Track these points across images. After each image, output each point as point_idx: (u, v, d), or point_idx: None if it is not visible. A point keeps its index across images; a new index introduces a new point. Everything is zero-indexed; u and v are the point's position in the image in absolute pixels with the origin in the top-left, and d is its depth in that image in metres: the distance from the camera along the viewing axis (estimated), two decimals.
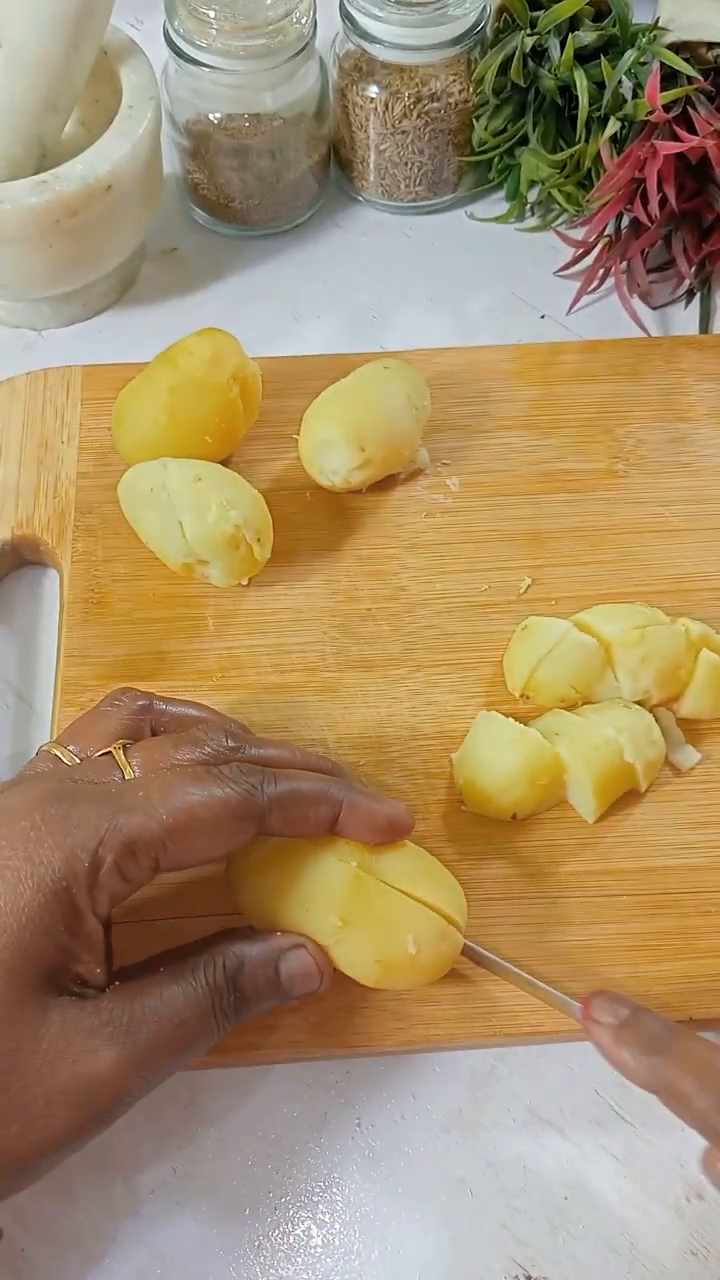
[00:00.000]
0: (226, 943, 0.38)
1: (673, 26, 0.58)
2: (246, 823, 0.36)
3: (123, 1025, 0.34)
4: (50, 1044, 0.33)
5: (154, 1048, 0.35)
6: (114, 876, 0.34)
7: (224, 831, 0.36)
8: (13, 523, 0.53)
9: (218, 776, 0.36)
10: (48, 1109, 0.33)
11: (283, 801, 0.37)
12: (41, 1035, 0.33)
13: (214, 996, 0.36)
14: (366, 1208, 0.41)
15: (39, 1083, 0.33)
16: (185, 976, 0.36)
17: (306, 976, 0.38)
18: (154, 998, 0.35)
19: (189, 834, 0.35)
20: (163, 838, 0.35)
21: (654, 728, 0.46)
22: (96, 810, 0.34)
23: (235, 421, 0.52)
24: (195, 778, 0.36)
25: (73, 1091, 0.33)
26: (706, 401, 0.57)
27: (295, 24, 0.57)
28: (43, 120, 0.56)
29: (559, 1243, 0.40)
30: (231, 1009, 0.37)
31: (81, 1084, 0.33)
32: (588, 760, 0.44)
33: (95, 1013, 0.34)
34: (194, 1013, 0.36)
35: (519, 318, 0.63)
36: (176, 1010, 0.35)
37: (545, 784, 0.44)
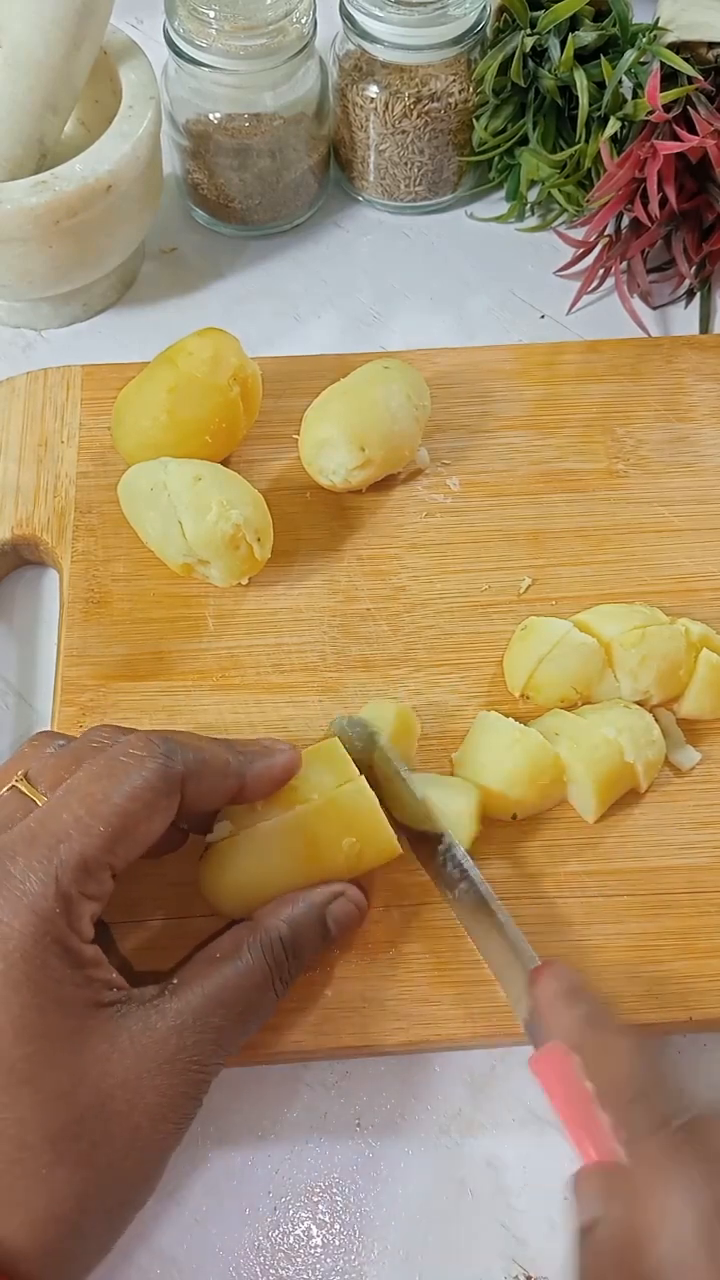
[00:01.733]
0: (271, 914, 0.39)
1: (673, 26, 0.58)
2: (173, 796, 0.37)
3: (190, 1023, 0.35)
4: (125, 1069, 0.34)
5: (225, 1034, 0.36)
6: (83, 903, 0.34)
7: (158, 811, 0.36)
8: (12, 522, 0.53)
9: (129, 761, 0.36)
10: (152, 1125, 0.34)
11: (194, 769, 0.37)
12: (114, 1065, 0.33)
13: (275, 970, 0.38)
14: (366, 1208, 0.41)
15: (133, 1109, 0.33)
16: (242, 957, 0.37)
17: (351, 916, 0.40)
18: (215, 986, 0.36)
19: (130, 831, 0.35)
20: (109, 846, 0.35)
21: (654, 728, 0.46)
22: (35, 854, 0.34)
23: (235, 421, 0.52)
24: (110, 775, 0.36)
25: (164, 1100, 0.34)
26: (707, 401, 0.57)
27: (295, 24, 0.57)
28: (43, 120, 0.56)
29: (559, 1243, 0.40)
30: (290, 972, 0.38)
31: (169, 1090, 0.34)
32: (588, 760, 0.44)
33: (161, 1017, 0.35)
34: (257, 991, 0.37)
35: (519, 318, 0.63)
36: (240, 992, 0.36)
37: (545, 784, 0.44)
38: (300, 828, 0.40)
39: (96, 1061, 0.33)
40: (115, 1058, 0.34)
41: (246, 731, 0.47)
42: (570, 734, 0.45)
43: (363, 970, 0.43)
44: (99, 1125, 0.33)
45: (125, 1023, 0.34)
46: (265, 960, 0.38)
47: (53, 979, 0.33)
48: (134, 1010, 0.35)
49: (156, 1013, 0.35)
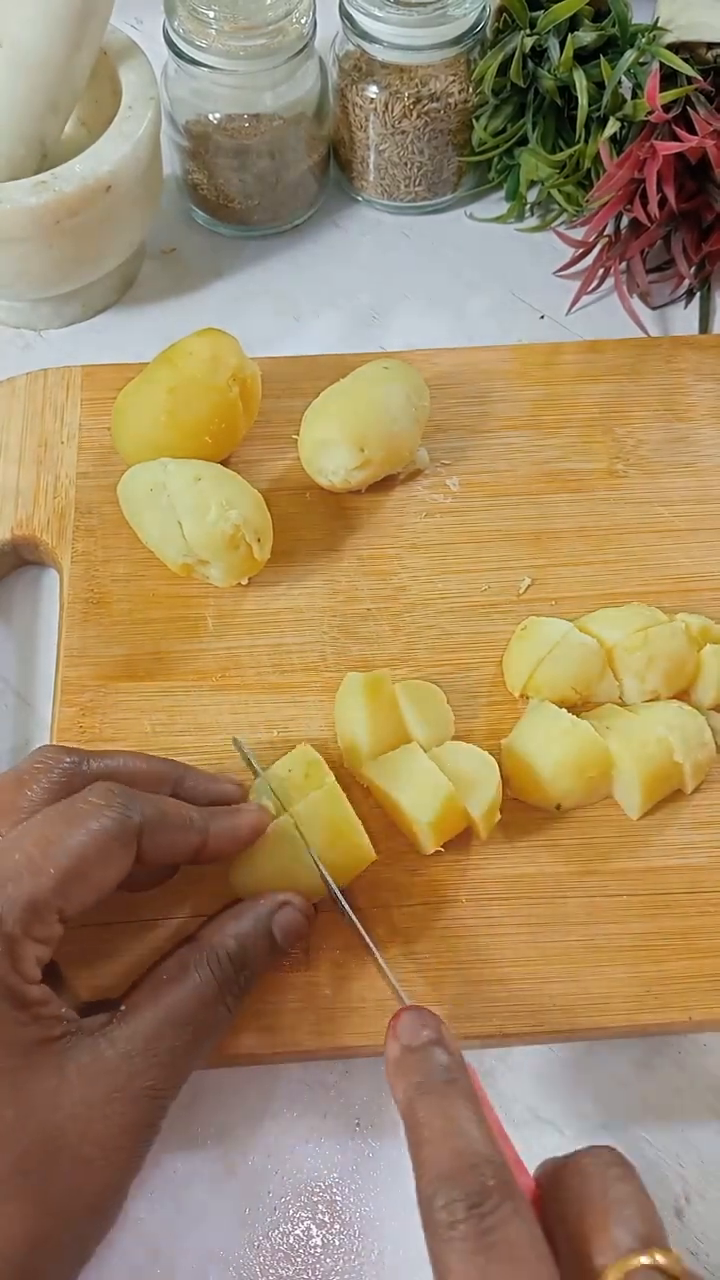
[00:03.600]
0: (216, 930, 0.38)
1: (672, 26, 0.58)
2: (128, 847, 0.36)
3: (140, 1050, 0.34)
4: (73, 1102, 0.33)
5: (177, 1059, 0.35)
6: (28, 946, 0.34)
7: (112, 861, 0.36)
8: (12, 523, 0.53)
9: (86, 808, 0.36)
10: (103, 1156, 0.33)
11: (153, 822, 0.37)
12: (62, 1098, 0.33)
13: (223, 986, 0.37)
14: (366, 1208, 0.41)
15: (81, 1141, 0.33)
16: (189, 976, 0.37)
17: (297, 925, 0.40)
18: (164, 1009, 0.36)
19: (81, 876, 0.35)
20: (59, 889, 0.34)
21: (705, 729, 0.46)
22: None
23: (235, 422, 0.52)
24: (66, 820, 0.36)
25: (116, 1132, 0.33)
26: (706, 401, 0.57)
27: (295, 24, 0.57)
28: (43, 120, 0.56)
29: None
30: (241, 988, 0.38)
31: (120, 1121, 0.34)
32: (637, 757, 0.44)
33: (109, 1046, 0.34)
34: (207, 1009, 0.36)
35: (519, 318, 0.63)
36: (190, 1012, 0.36)
37: (593, 776, 0.45)
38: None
39: (44, 1096, 0.33)
40: (64, 1091, 0.33)
41: (246, 731, 0.47)
42: (621, 729, 0.45)
43: (363, 970, 0.43)
44: (48, 1161, 0.32)
45: (73, 1054, 0.34)
46: (213, 977, 0.37)
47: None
48: (83, 1041, 0.34)
49: (105, 1041, 0.34)
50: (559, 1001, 0.42)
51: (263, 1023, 0.41)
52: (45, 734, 0.49)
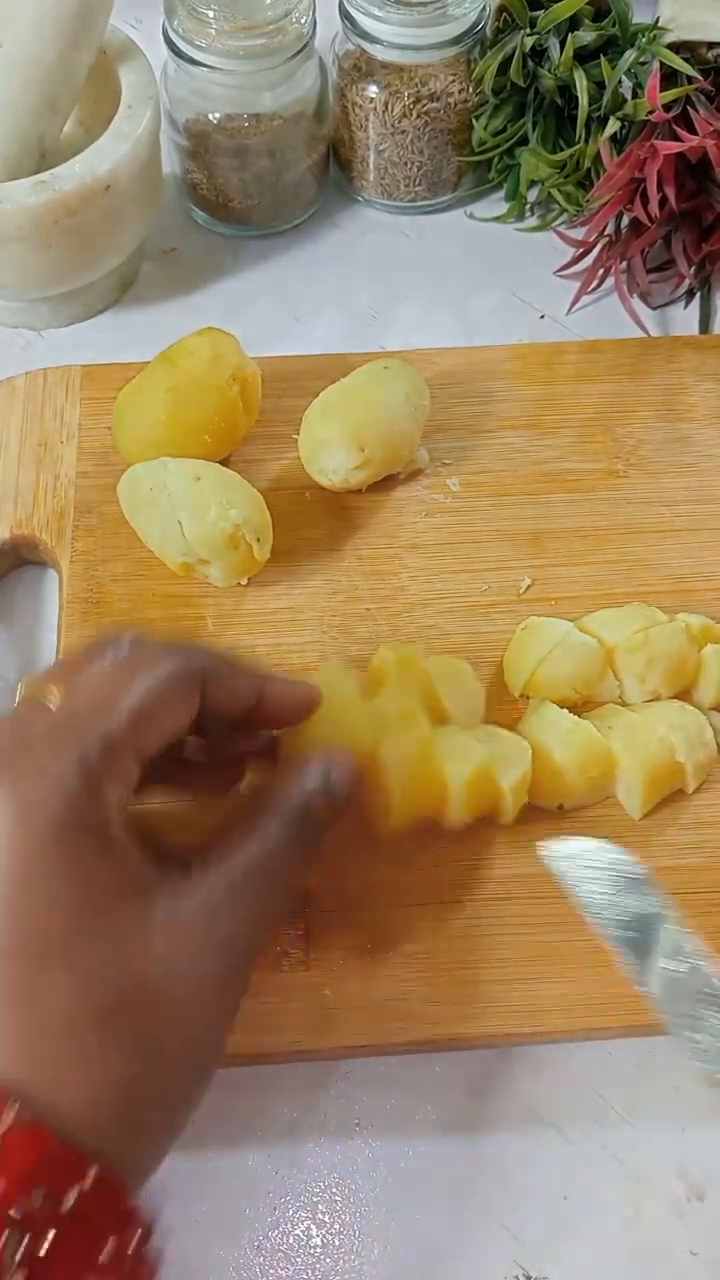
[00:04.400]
0: (278, 789, 0.38)
1: (672, 26, 0.58)
2: (193, 690, 0.36)
3: (219, 900, 0.34)
4: (162, 949, 0.33)
5: (255, 905, 0.35)
6: (110, 787, 0.34)
7: (179, 703, 0.36)
8: (12, 522, 0.53)
9: (147, 656, 0.37)
10: (194, 1002, 0.33)
11: (215, 667, 0.38)
12: (151, 945, 0.33)
13: (292, 839, 0.37)
14: (366, 1208, 0.41)
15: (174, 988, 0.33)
16: (259, 831, 0.37)
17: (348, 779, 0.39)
18: (238, 863, 0.36)
19: (151, 716, 0.35)
20: (132, 728, 0.34)
21: (707, 729, 0.46)
22: (60, 739, 0.34)
23: (235, 421, 0.52)
24: (132, 666, 0.36)
25: (207, 977, 0.34)
26: (707, 402, 0.57)
27: (294, 24, 0.57)
28: (42, 120, 0.56)
29: (559, 1243, 0.40)
30: (309, 841, 0.38)
31: (210, 968, 0.34)
32: (639, 757, 0.44)
33: (189, 898, 0.34)
34: (280, 861, 0.36)
35: (519, 318, 0.63)
36: (262, 865, 0.36)
37: (595, 776, 0.45)
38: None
39: (132, 942, 0.33)
40: (150, 939, 0.33)
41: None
42: (623, 729, 0.45)
43: (363, 970, 0.43)
44: (140, 1004, 0.32)
45: (156, 904, 0.34)
46: (281, 830, 0.37)
47: (83, 862, 0.33)
48: (162, 893, 0.34)
49: (184, 895, 0.34)
50: (559, 1002, 0.42)
51: (263, 1023, 0.41)
52: None
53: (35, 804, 0.32)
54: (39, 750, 0.34)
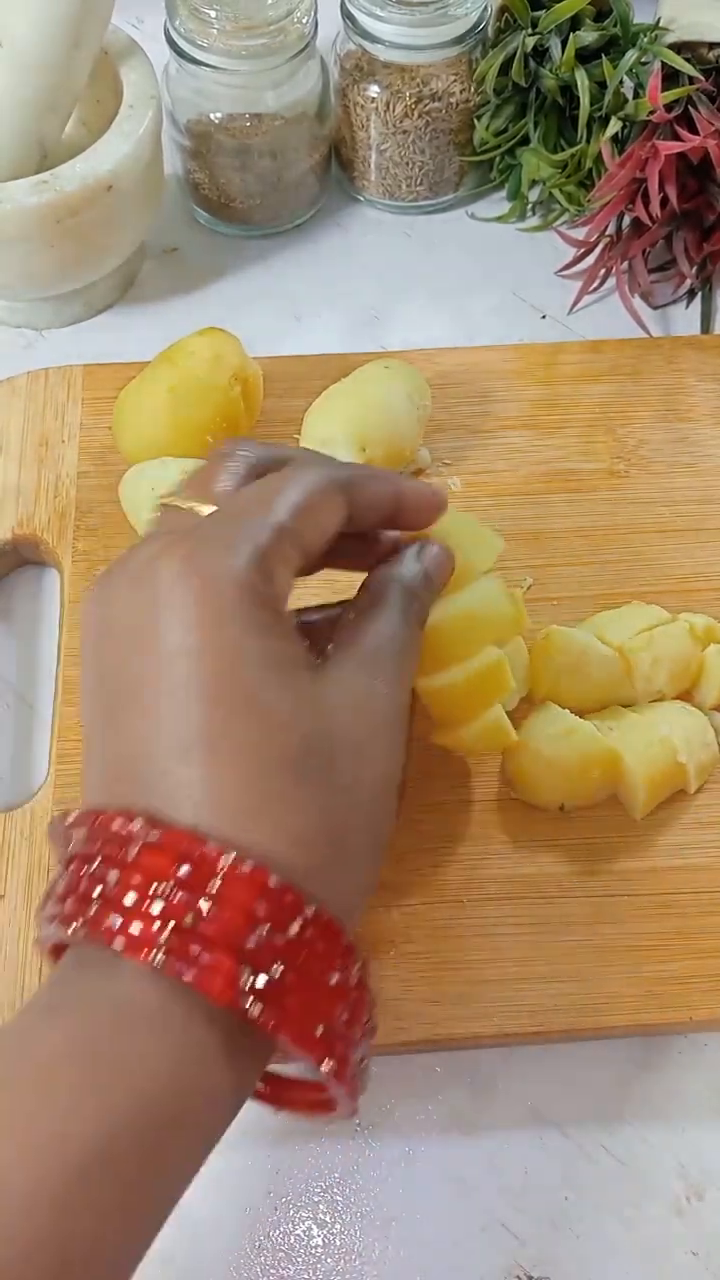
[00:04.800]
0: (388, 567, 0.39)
1: (674, 26, 0.58)
2: (342, 494, 0.37)
3: (368, 661, 0.36)
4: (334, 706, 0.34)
5: (399, 667, 0.36)
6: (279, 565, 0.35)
7: (332, 506, 0.37)
8: (13, 522, 0.53)
9: (294, 468, 0.37)
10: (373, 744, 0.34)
11: (357, 475, 0.38)
12: (323, 704, 0.34)
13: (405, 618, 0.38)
14: (366, 1208, 0.41)
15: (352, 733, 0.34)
16: (385, 606, 0.38)
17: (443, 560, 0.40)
18: (373, 630, 0.37)
19: (313, 510, 0.36)
20: (294, 517, 0.35)
21: (709, 730, 0.46)
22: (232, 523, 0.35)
23: (236, 421, 0.52)
24: (281, 476, 0.37)
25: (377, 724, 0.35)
26: (708, 401, 0.57)
27: (296, 24, 0.57)
28: (43, 120, 0.56)
29: (560, 1243, 0.40)
30: (420, 613, 0.39)
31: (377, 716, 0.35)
32: (640, 757, 0.44)
33: (339, 666, 0.35)
34: (408, 631, 0.38)
35: (520, 318, 0.63)
36: (394, 629, 0.37)
37: (596, 777, 0.45)
38: None
39: (311, 695, 0.34)
40: (325, 691, 0.34)
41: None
42: (625, 730, 0.45)
43: None
44: (326, 747, 0.33)
45: (321, 671, 0.35)
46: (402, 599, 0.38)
47: (262, 628, 0.34)
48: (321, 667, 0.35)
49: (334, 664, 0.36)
50: (560, 1001, 0.42)
51: None
52: (45, 734, 0.49)
53: (216, 573, 0.33)
54: (211, 532, 0.35)
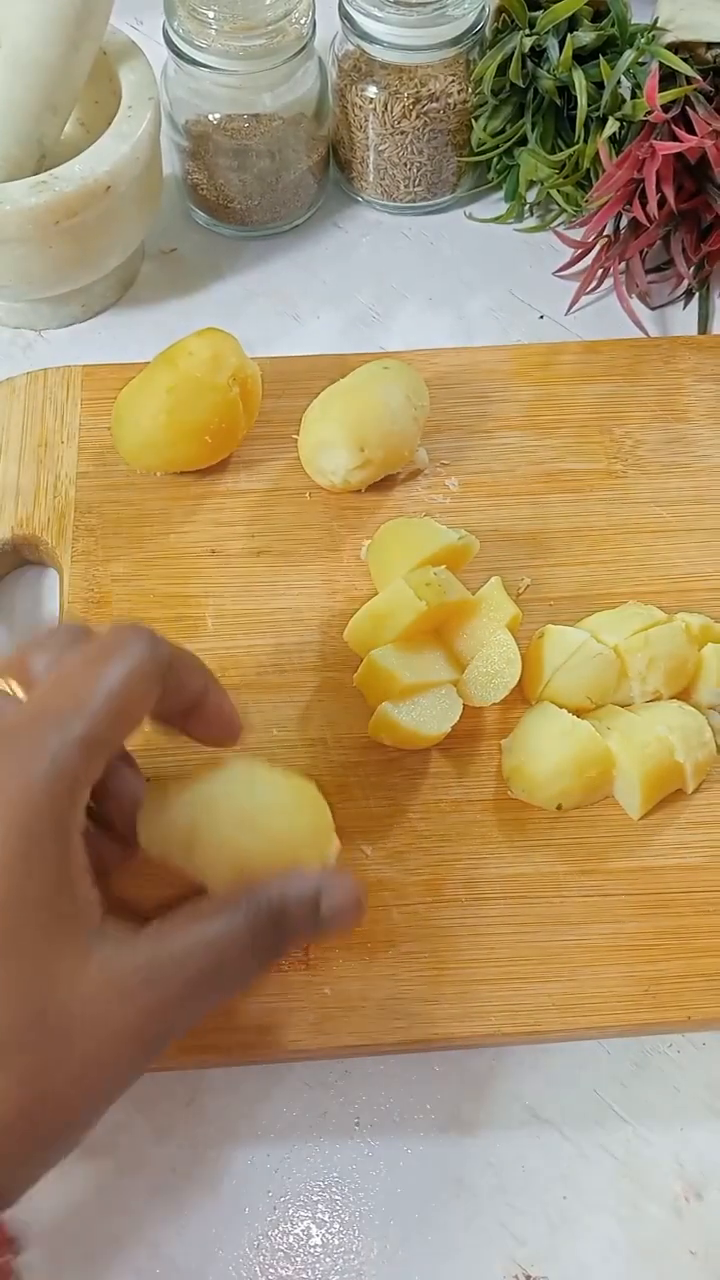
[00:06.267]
0: (267, 882, 0.37)
1: (671, 26, 0.58)
2: (159, 680, 0.36)
3: (162, 966, 0.34)
4: (89, 991, 0.32)
5: (193, 989, 0.34)
6: (80, 784, 0.33)
7: (148, 694, 0.35)
8: (13, 522, 0.53)
9: (117, 643, 0.35)
10: (99, 1054, 0.32)
11: (175, 660, 0.37)
12: (79, 983, 0.32)
13: (254, 937, 0.36)
14: (366, 1208, 0.41)
15: (85, 1031, 0.32)
16: (226, 915, 0.36)
17: (347, 911, 0.37)
18: (194, 938, 0.35)
19: (128, 711, 0.34)
20: (111, 723, 0.34)
21: (706, 729, 0.46)
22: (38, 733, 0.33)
23: (235, 421, 0.52)
24: (103, 655, 0.35)
25: (119, 1034, 0.33)
26: (705, 402, 0.57)
27: (294, 24, 0.57)
28: (42, 121, 0.56)
29: (559, 1243, 0.41)
30: (273, 949, 0.37)
31: (126, 1026, 0.33)
32: (637, 757, 0.44)
33: (134, 954, 0.34)
34: (234, 953, 0.35)
35: (518, 318, 0.63)
36: (217, 950, 0.35)
37: (593, 777, 0.45)
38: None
39: (62, 971, 0.32)
40: (81, 976, 0.32)
41: (245, 731, 0.47)
42: (622, 729, 0.45)
43: (363, 970, 0.43)
44: (50, 1038, 0.31)
45: (99, 945, 0.33)
46: (249, 924, 0.36)
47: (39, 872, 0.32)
48: (109, 937, 0.34)
49: (130, 947, 0.34)
50: (557, 1001, 0.42)
51: (263, 1022, 0.41)
52: None
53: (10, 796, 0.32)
54: (17, 744, 0.33)
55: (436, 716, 0.45)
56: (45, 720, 0.33)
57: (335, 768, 0.47)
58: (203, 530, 0.53)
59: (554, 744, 0.45)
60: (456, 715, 0.46)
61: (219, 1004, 0.36)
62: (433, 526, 0.49)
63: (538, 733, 0.45)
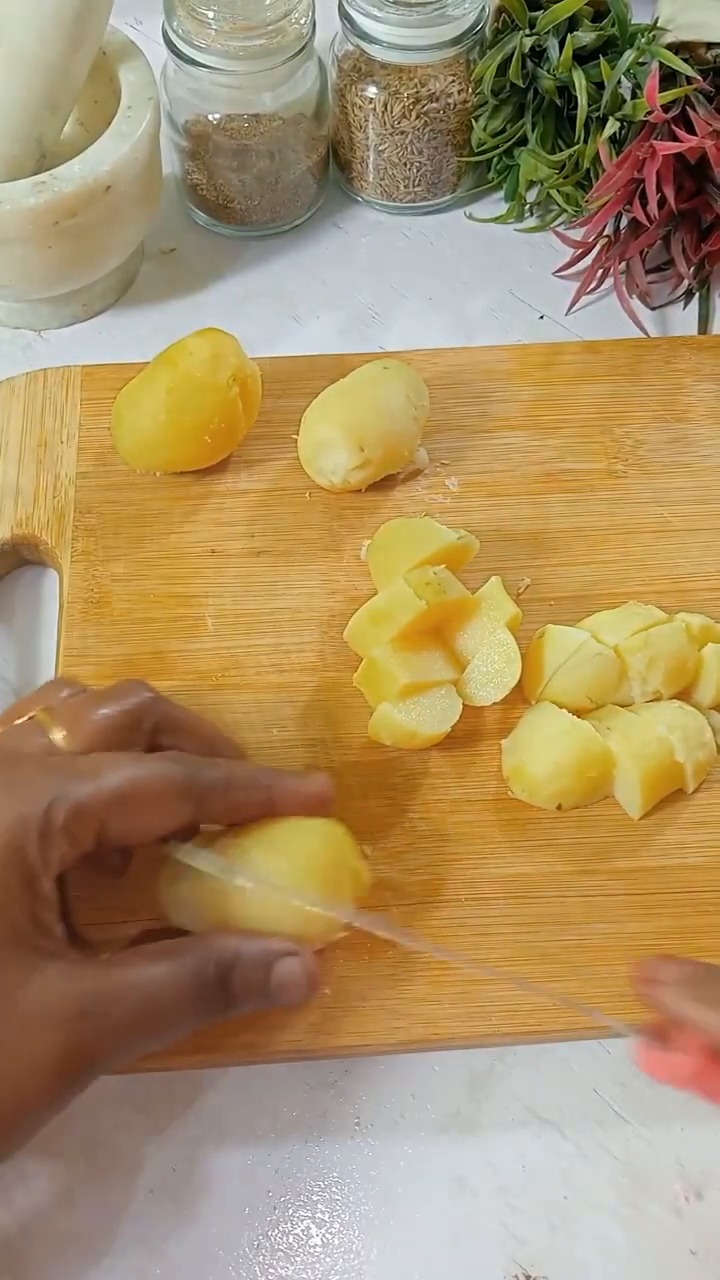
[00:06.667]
0: (224, 938, 0.38)
1: (671, 26, 0.58)
2: (185, 803, 0.37)
3: (103, 997, 0.34)
4: (27, 1008, 0.33)
5: (130, 1025, 0.35)
6: (63, 837, 0.35)
7: (167, 806, 0.37)
8: (12, 522, 0.53)
9: (159, 757, 0.38)
10: (27, 1071, 0.33)
11: (219, 786, 0.38)
12: (17, 998, 0.33)
13: (198, 988, 0.36)
14: (366, 1208, 0.41)
15: (15, 1045, 0.33)
16: (175, 962, 0.36)
17: (296, 986, 0.38)
18: (139, 975, 0.36)
19: (134, 803, 0.36)
20: (110, 802, 0.35)
21: (706, 729, 0.46)
22: (45, 776, 0.35)
23: (235, 421, 0.52)
24: (137, 757, 0.37)
25: (48, 1054, 0.33)
26: (705, 402, 0.57)
27: (294, 24, 0.57)
28: (42, 121, 0.56)
29: (559, 1243, 0.41)
30: (216, 1004, 0.37)
31: (57, 1048, 0.34)
32: (637, 756, 0.44)
33: (78, 979, 0.35)
34: (176, 1000, 0.36)
35: (518, 318, 0.63)
36: (158, 992, 0.36)
37: (593, 776, 0.45)
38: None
39: (4, 985, 0.33)
40: (21, 994, 0.33)
41: (245, 731, 0.47)
42: (622, 729, 0.45)
43: (363, 970, 0.43)
44: None
45: (46, 967, 0.34)
46: (196, 977, 0.36)
47: (5, 889, 0.34)
48: (58, 963, 0.35)
49: (77, 973, 0.35)
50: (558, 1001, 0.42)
51: (263, 1022, 0.41)
52: None
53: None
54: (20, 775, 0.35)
55: (436, 716, 0.45)
56: (55, 769, 0.36)
57: (335, 768, 0.47)
58: (203, 530, 0.53)
59: (554, 744, 0.45)
60: (456, 715, 0.46)
61: (150, 1049, 0.36)
62: (433, 526, 0.49)
63: (538, 733, 0.45)
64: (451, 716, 0.46)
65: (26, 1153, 0.36)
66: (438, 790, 0.47)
